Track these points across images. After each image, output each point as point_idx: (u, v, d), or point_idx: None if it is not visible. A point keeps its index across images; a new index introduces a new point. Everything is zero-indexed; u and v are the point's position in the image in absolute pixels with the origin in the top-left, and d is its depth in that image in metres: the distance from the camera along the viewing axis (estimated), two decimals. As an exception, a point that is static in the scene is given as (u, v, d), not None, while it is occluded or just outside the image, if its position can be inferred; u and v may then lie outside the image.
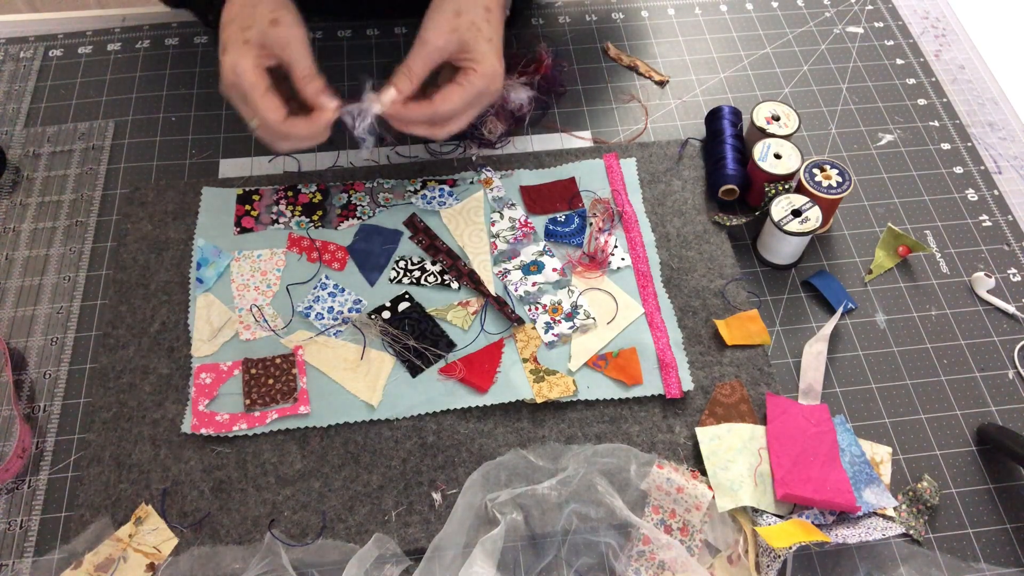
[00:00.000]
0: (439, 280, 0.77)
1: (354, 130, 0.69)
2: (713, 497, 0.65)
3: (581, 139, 0.89)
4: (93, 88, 0.92)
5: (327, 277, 0.78)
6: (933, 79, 0.96)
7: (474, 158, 0.86)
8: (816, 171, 0.79)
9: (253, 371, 0.72)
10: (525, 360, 0.73)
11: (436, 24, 0.69)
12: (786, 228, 0.75)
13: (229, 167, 0.86)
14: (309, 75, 0.68)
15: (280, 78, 0.69)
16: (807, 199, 0.77)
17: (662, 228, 0.82)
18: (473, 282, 0.77)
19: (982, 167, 0.89)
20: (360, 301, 0.76)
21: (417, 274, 0.78)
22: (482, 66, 0.69)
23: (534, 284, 0.77)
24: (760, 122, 0.83)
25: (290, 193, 0.83)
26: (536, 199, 0.83)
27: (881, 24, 1.02)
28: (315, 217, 0.81)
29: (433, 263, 0.79)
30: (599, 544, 0.64)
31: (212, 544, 0.64)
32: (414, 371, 0.72)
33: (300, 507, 0.66)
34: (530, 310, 0.76)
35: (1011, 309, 0.78)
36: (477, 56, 0.69)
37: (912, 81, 0.96)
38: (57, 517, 0.66)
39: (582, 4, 1.02)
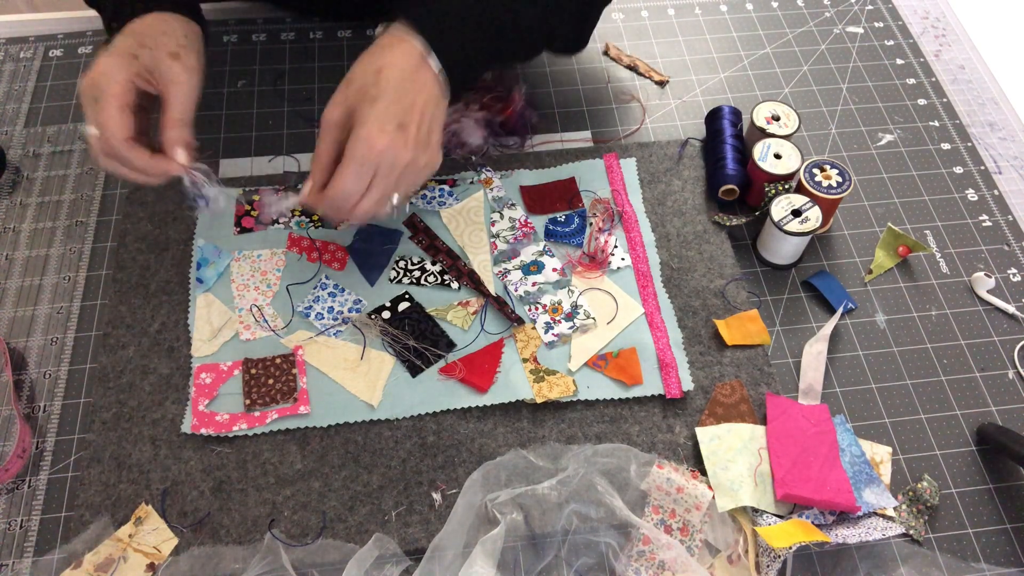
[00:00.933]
0: (439, 280, 0.77)
1: (189, 192, 0.69)
2: (713, 497, 0.65)
3: (581, 139, 0.89)
4: (93, 88, 0.92)
5: (327, 277, 0.78)
6: (933, 79, 0.96)
7: (474, 158, 0.86)
8: (816, 171, 0.78)
9: (253, 371, 0.72)
10: (525, 360, 0.73)
11: (332, 99, 0.66)
12: (786, 228, 0.75)
13: (229, 167, 0.86)
14: (180, 121, 0.66)
15: (149, 112, 0.68)
16: (807, 199, 0.77)
17: (662, 228, 0.82)
18: (473, 282, 0.77)
19: (982, 167, 0.89)
20: (360, 301, 0.76)
21: (417, 274, 0.78)
22: (357, 131, 0.63)
23: (534, 284, 0.77)
24: (760, 122, 0.83)
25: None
26: (536, 199, 0.83)
27: (881, 24, 1.02)
28: (315, 217, 0.81)
29: (433, 263, 0.79)
30: (599, 544, 0.64)
31: (212, 544, 0.64)
32: (414, 371, 0.72)
33: (300, 507, 0.66)
34: (530, 310, 0.76)
35: (1011, 309, 0.78)
36: (357, 121, 0.64)
37: (912, 81, 0.96)
38: (57, 517, 0.66)
39: (582, 4, 1.02)
